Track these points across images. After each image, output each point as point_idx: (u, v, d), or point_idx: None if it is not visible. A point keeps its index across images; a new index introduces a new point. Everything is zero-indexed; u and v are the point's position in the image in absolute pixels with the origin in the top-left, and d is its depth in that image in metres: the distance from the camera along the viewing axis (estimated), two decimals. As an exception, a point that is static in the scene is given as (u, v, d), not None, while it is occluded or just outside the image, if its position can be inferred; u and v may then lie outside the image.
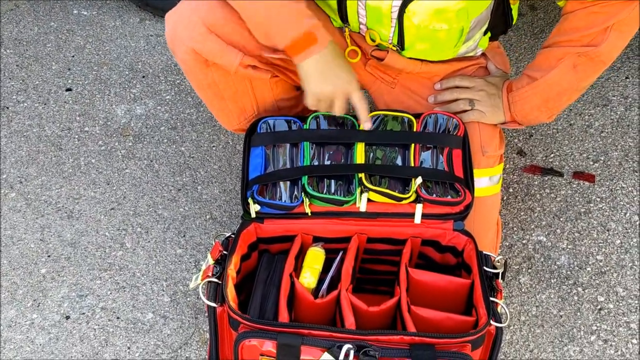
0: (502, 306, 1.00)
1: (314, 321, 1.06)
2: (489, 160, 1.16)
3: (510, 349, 1.17)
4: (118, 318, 1.19)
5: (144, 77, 1.71)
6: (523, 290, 1.26)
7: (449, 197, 1.07)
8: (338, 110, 1.06)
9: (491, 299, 0.99)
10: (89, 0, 1.93)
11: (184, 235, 1.34)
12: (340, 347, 0.91)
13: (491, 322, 0.96)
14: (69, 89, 1.68)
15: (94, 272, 1.27)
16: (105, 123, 1.59)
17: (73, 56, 1.76)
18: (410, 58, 1.14)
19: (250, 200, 1.08)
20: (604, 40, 1.03)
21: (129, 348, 1.15)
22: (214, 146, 1.53)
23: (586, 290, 1.26)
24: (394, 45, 1.11)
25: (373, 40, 1.12)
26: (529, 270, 1.29)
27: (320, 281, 1.08)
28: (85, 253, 1.31)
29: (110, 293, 1.24)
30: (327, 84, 1.02)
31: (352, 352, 0.91)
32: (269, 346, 0.93)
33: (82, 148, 1.52)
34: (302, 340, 0.92)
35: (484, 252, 1.07)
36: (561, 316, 1.22)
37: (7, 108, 1.62)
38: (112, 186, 1.44)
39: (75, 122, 1.59)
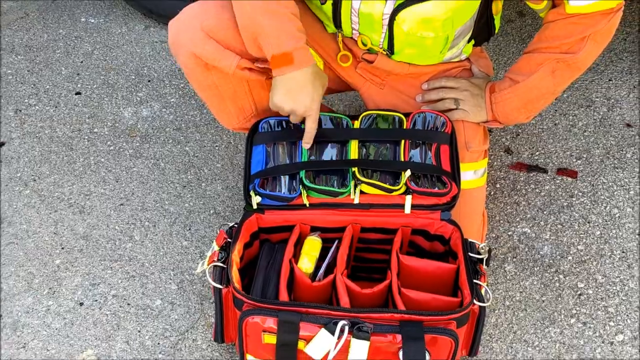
0: (485, 288, 1.08)
1: (311, 302, 1.14)
2: (473, 155, 1.25)
3: (495, 331, 1.25)
4: (129, 304, 1.28)
5: (149, 81, 1.80)
6: (508, 277, 1.34)
7: (437, 188, 1.15)
8: (292, 120, 1.15)
9: (475, 281, 1.07)
10: (96, 8, 2.02)
11: (189, 229, 1.43)
12: (336, 324, 1.00)
13: (474, 301, 1.04)
14: (78, 93, 1.76)
15: (105, 263, 1.35)
16: (114, 125, 1.67)
17: (82, 62, 1.85)
18: (398, 61, 1.23)
19: (252, 193, 1.16)
20: (581, 49, 1.12)
21: (139, 331, 1.23)
22: (216, 146, 1.62)
23: (567, 278, 1.34)
24: (384, 50, 1.20)
25: (364, 45, 1.21)
26: (514, 260, 1.38)
27: (317, 267, 1.16)
28: (97, 245, 1.39)
29: (121, 282, 1.32)
30: (288, 102, 1.09)
31: (346, 328, 0.99)
32: (271, 323, 1.02)
33: (91, 148, 1.61)
34: (301, 317, 1.01)
35: (469, 240, 1.15)
36: (543, 301, 1.30)
37: (20, 111, 1.70)
38: (120, 183, 1.52)
39: (85, 123, 1.67)
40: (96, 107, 1.72)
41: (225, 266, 1.10)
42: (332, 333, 0.99)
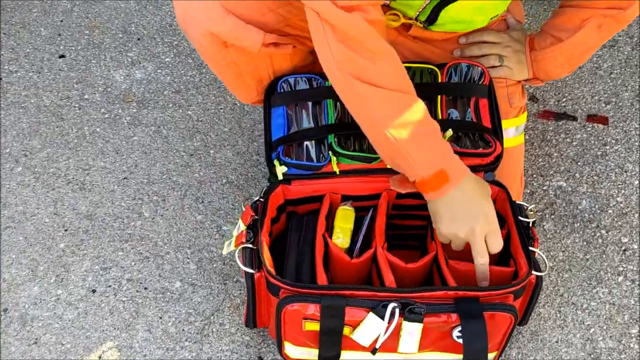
0: (539, 255, 1.00)
1: (350, 281, 1.05)
2: (515, 110, 1.15)
3: (541, 295, 1.18)
4: (146, 289, 1.17)
5: (139, 39, 1.64)
6: (548, 236, 1.26)
7: (480, 148, 1.05)
8: (476, 254, 0.92)
9: (529, 248, 0.99)
10: (72, -41, 1.83)
11: (202, 201, 1.31)
12: (385, 306, 0.91)
13: (532, 271, 0.96)
14: (62, 56, 1.60)
15: (114, 244, 1.24)
16: (105, 90, 1.53)
17: (61, 20, 1.68)
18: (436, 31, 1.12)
19: (276, 162, 1.05)
20: (630, 5, 1.02)
21: (160, 318, 1.14)
22: (221, 108, 1.49)
23: (610, 233, 1.27)
24: (420, 22, 1.08)
25: (395, 21, 1.09)
26: (552, 217, 1.29)
27: (353, 240, 1.07)
28: (103, 225, 1.27)
29: (135, 264, 1.21)
30: (461, 226, 0.90)
31: (397, 311, 0.91)
32: (312, 310, 0.92)
33: (84, 117, 1.47)
34: (345, 302, 0.92)
35: (517, 202, 1.06)
36: (587, 260, 1.23)
37: (0, 79, 1.54)
38: (121, 155, 1.39)
39: (73, 90, 1.53)
40: (83, 70, 1.57)
41: (255, 247, 1.00)
42: (382, 317, 0.91)
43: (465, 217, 0.90)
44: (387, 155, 0.95)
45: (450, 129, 1.04)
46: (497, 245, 0.93)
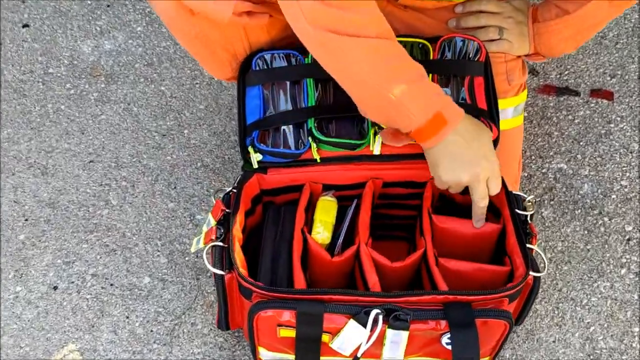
0: (537, 252, 0.91)
1: (331, 280, 0.97)
2: (514, 88, 1.04)
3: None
4: (112, 285, 1.09)
5: (108, 6, 1.51)
6: (547, 224, 1.18)
7: (474, 133, 0.95)
8: (478, 198, 0.88)
9: (527, 245, 0.90)
10: None
11: (175, 187, 1.22)
12: (367, 313, 0.82)
13: (530, 272, 0.87)
14: (25, 25, 1.48)
15: (79, 235, 1.15)
16: (72, 62, 1.41)
17: (25, -14, 1.55)
18: None
19: (250, 149, 0.95)
20: None
21: (127, 317, 1.05)
22: (197, 83, 1.38)
23: (613, 220, 1.18)
24: None
25: None
26: (552, 202, 1.20)
27: (335, 234, 0.98)
28: (67, 214, 1.18)
29: (100, 257, 1.12)
30: (463, 171, 0.85)
31: (381, 318, 0.82)
32: (288, 316, 0.84)
33: (48, 93, 1.36)
34: (324, 308, 0.83)
35: (514, 193, 0.97)
36: (588, 250, 1.15)
37: (-43, 51, 1.42)
38: (87, 135, 1.29)
39: (37, 63, 1.41)
40: (49, 41, 1.45)
41: (225, 245, 0.90)
42: (364, 324, 0.82)
43: (467, 161, 0.85)
44: (376, 110, 0.86)
45: (442, 113, 0.94)
46: (496, 188, 0.89)
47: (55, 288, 1.08)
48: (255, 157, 0.96)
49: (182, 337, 1.03)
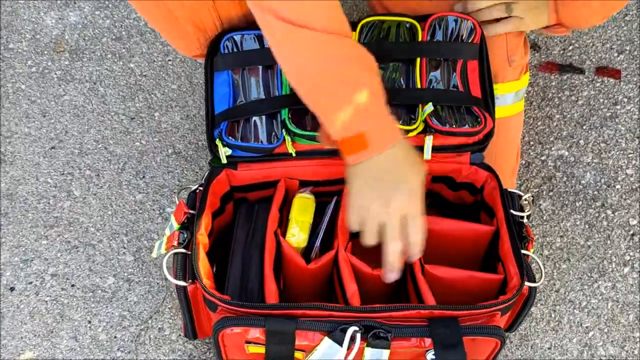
0: (533, 258, 0.83)
1: (307, 288, 0.89)
2: (515, 71, 0.94)
3: (533, 292, 1.02)
4: (73, 286, 1.01)
5: (75, -27, 1.39)
6: (545, 218, 1.09)
7: (466, 125, 0.86)
8: (389, 238, 0.74)
9: (522, 251, 0.81)
10: None
11: (143, 177, 1.12)
12: (344, 330, 0.75)
13: (525, 283, 0.79)
14: (-17, -5, 1.36)
15: (38, 230, 1.06)
16: (34, 37, 1.30)
17: (-16, -50, 1.42)
18: None
19: (219, 142, 0.86)
20: None
21: (89, 322, 0.97)
22: (169, 60, 1.27)
23: (616, 213, 1.09)
24: None
25: None
26: (550, 193, 1.11)
27: (313, 235, 0.89)
28: (25, 206, 1.09)
29: (61, 255, 1.04)
30: (374, 195, 0.72)
31: (358, 335, 0.75)
32: (257, 333, 0.76)
33: (8, 71, 1.25)
34: (296, 325, 0.75)
35: (510, 191, 0.88)
36: (589, 247, 1.06)
37: None
38: (49, 118, 1.19)
39: (-4, 37, 1.30)
40: (9, 13, 1.33)
41: (189, 252, 0.82)
42: (340, 343, 0.74)
43: (381, 185, 0.72)
44: (306, 101, 0.76)
45: (430, 103, 0.84)
46: (415, 233, 0.74)
47: (12, 289, 1.00)
48: (224, 152, 0.86)
49: (149, 343, 0.96)
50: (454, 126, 0.85)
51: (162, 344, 0.95)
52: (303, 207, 0.88)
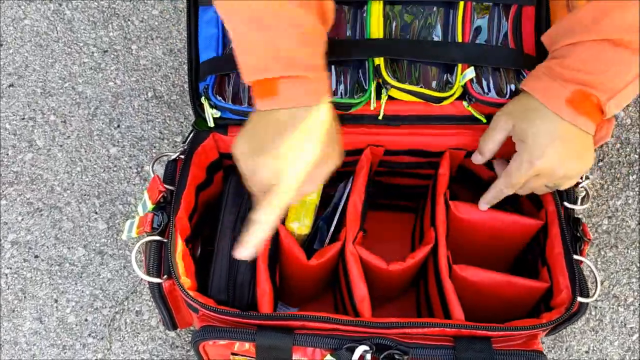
0: (587, 265, 0.67)
1: (308, 286, 0.75)
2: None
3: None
4: (36, 257, 0.86)
5: None
6: (591, 193, 0.93)
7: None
8: (260, 204, 0.58)
9: (575, 257, 0.66)
10: None
11: (118, 125, 0.95)
12: (351, 349, 0.61)
13: (577, 298, 0.64)
14: None
15: (-5, 188, 0.91)
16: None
17: None
18: None
19: (204, 102, 0.68)
20: None
21: (56, 301, 0.84)
22: (151, -22, 1.06)
23: (674, 189, 0.93)
24: None
25: None
26: (600, 164, 0.94)
27: (321, 218, 0.74)
28: (-20, 158, 0.93)
29: (22, 219, 0.88)
30: (258, 156, 0.57)
31: (369, 356, 0.61)
32: (245, 345, 0.63)
33: (-43, -15, 1.04)
34: (293, 340, 0.61)
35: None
36: (640, 229, 0.91)
37: None
38: (7, 49, 1.00)
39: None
40: None
41: (165, 239, 0.66)
42: (347, 365, 0.61)
43: (267, 143, 0.58)
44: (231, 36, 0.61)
45: (471, 68, 0.66)
46: (277, 205, 0.58)
47: (-36, 259, 0.86)
48: (211, 113, 0.69)
49: (124, 329, 0.83)
50: (496, 97, 0.67)
51: (139, 330, 0.82)
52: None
